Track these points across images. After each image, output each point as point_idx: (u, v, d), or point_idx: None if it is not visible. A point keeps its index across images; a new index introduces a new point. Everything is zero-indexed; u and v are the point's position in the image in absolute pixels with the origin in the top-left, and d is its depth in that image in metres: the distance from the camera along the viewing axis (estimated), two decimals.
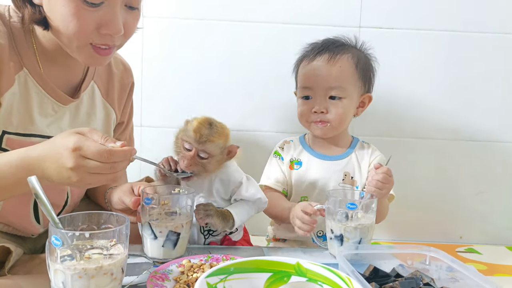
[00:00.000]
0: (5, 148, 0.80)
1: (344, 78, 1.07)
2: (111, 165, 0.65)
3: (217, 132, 0.85)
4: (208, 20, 1.44)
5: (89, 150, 0.64)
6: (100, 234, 0.60)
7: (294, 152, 1.15)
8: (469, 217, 1.53)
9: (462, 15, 1.44)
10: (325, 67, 1.07)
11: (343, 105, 1.08)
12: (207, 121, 0.86)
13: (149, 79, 1.45)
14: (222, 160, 0.88)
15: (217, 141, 0.85)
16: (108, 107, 0.98)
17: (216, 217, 0.84)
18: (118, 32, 0.76)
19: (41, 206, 0.60)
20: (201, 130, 0.84)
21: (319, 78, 1.07)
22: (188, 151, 0.85)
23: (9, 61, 0.78)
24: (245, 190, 0.89)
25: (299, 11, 1.44)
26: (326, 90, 1.07)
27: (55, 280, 0.58)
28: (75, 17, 0.73)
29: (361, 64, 1.10)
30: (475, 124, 1.49)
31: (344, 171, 1.11)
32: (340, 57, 1.08)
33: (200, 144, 0.84)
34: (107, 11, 0.74)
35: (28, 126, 0.81)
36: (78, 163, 0.64)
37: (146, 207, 0.80)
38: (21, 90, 0.80)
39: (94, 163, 0.64)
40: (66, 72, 0.88)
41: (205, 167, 0.86)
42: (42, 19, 0.77)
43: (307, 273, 0.65)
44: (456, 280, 0.72)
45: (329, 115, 1.07)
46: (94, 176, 0.66)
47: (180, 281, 0.70)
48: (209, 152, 0.85)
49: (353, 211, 0.86)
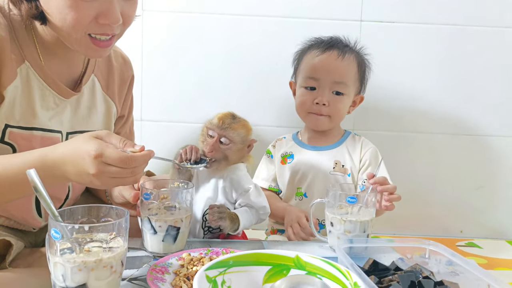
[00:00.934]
0: (8, 141, 0.80)
1: (349, 75, 1.12)
2: (132, 170, 0.67)
3: (239, 123, 0.92)
4: (208, 14, 1.43)
5: (111, 157, 0.65)
6: (99, 227, 0.60)
7: (286, 147, 1.19)
8: (469, 211, 1.54)
9: (463, 9, 1.43)
10: (335, 62, 1.11)
11: (343, 100, 1.12)
12: (231, 113, 0.93)
13: (149, 74, 1.45)
14: (242, 152, 0.93)
15: (238, 130, 0.91)
16: (109, 100, 0.98)
17: (228, 220, 0.87)
18: (116, 22, 0.76)
19: (40, 199, 0.60)
20: (225, 118, 0.91)
21: (328, 71, 1.11)
22: (212, 138, 0.90)
23: (11, 54, 0.78)
24: (254, 196, 0.93)
25: (300, 5, 1.43)
26: (332, 84, 1.11)
27: (55, 273, 0.58)
28: (72, 9, 0.72)
29: (363, 66, 1.16)
30: (475, 119, 1.48)
31: (334, 159, 1.13)
32: (348, 56, 1.13)
33: (222, 130, 0.89)
34: (104, 1, 0.74)
35: (30, 120, 0.81)
36: (100, 169, 0.65)
37: (145, 202, 0.80)
38: (23, 83, 0.80)
39: (116, 169, 0.66)
40: (66, 65, 0.88)
41: (226, 154, 0.90)
42: (39, 14, 0.76)
43: (307, 266, 0.65)
44: (456, 273, 0.72)
45: (329, 108, 1.11)
46: (116, 180, 0.68)
47: (180, 274, 0.70)
48: (230, 138, 0.90)
49: (353, 204, 0.87)
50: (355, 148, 1.16)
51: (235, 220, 0.89)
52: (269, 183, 1.20)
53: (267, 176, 1.20)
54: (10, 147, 0.80)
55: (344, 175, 1.12)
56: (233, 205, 0.94)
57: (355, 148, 1.16)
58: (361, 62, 1.16)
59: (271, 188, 1.19)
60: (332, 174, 1.12)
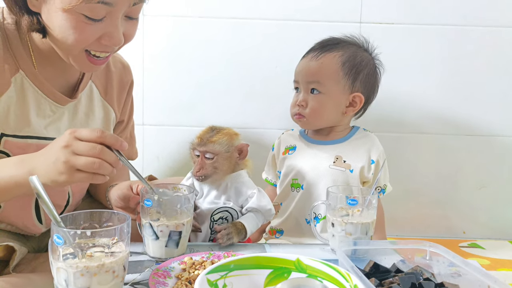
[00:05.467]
0: (3, 150, 0.80)
1: (322, 74, 1.10)
2: (99, 163, 0.65)
3: (219, 133, 0.92)
4: (209, 18, 1.44)
5: (82, 131, 0.65)
6: (101, 232, 0.61)
7: (291, 139, 1.20)
8: (471, 212, 1.53)
9: (463, 9, 1.43)
10: (309, 63, 1.13)
11: (320, 100, 1.11)
12: (210, 127, 0.94)
13: (150, 78, 1.46)
14: (233, 159, 0.93)
15: (218, 140, 0.90)
16: (107, 106, 0.99)
17: (236, 237, 0.89)
18: (119, 43, 0.77)
19: (43, 205, 0.60)
20: (203, 135, 0.92)
21: (302, 73, 1.13)
22: (198, 157, 0.92)
23: (4, 64, 0.78)
24: (259, 200, 0.95)
25: (300, 7, 1.44)
26: (307, 84, 1.12)
27: (57, 278, 0.59)
28: (76, 31, 0.73)
29: (351, 63, 1.11)
30: (477, 119, 1.48)
31: (335, 154, 1.11)
32: (325, 54, 1.12)
33: (203, 146, 0.90)
34: (108, 24, 0.74)
35: (24, 128, 0.82)
36: (69, 142, 0.65)
37: (146, 208, 0.80)
38: (18, 92, 0.81)
39: (84, 144, 0.65)
40: (62, 73, 0.88)
41: (215, 167, 0.91)
42: (41, 28, 0.77)
43: (307, 269, 0.65)
44: (459, 275, 0.71)
45: (307, 108, 1.11)
46: (83, 174, 0.66)
47: (181, 278, 0.71)
48: (213, 151, 0.90)
49: (354, 207, 0.87)
50: (360, 146, 1.13)
51: (241, 231, 0.91)
52: (266, 175, 1.23)
53: (266, 168, 1.24)
54: (5, 155, 0.81)
55: (345, 170, 1.09)
56: (240, 208, 0.96)
57: (360, 146, 1.13)
58: (351, 59, 1.11)
59: (267, 180, 1.23)
60: (332, 169, 1.10)
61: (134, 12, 0.79)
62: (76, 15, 0.71)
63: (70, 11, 0.70)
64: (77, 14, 0.71)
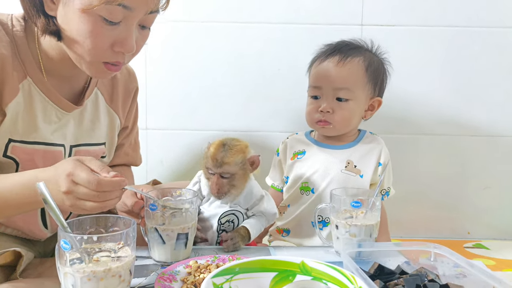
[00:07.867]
0: (10, 155, 0.81)
1: (352, 80, 1.09)
2: (99, 194, 0.67)
3: (231, 152, 0.90)
4: (212, 22, 1.45)
5: (79, 176, 0.66)
6: (107, 237, 0.62)
7: (298, 143, 1.18)
8: (476, 212, 1.53)
9: (465, 11, 1.43)
10: (334, 69, 1.09)
11: (349, 107, 1.10)
12: (221, 144, 0.91)
13: (154, 82, 1.47)
14: (247, 173, 0.93)
15: (233, 160, 0.89)
16: (112, 113, 0.99)
17: (241, 244, 0.90)
18: (131, 50, 0.78)
19: (50, 211, 0.61)
20: (217, 154, 0.89)
21: (328, 79, 1.10)
22: (213, 175, 0.91)
23: (13, 71, 0.79)
24: (266, 204, 0.96)
25: (301, 11, 1.44)
26: (334, 91, 1.09)
27: (65, 283, 0.60)
28: (92, 34, 0.73)
29: (372, 68, 1.12)
30: (480, 119, 1.48)
31: (347, 159, 1.11)
32: (351, 59, 1.10)
33: (219, 168, 0.89)
34: (123, 30, 0.75)
35: (32, 134, 0.83)
36: (70, 188, 0.66)
37: (151, 212, 0.81)
38: (25, 99, 0.82)
39: (84, 190, 0.66)
40: (69, 80, 0.89)
41: (233, 184, 0.91)
42: (56, 31, 0.77)
43: (312, 271, 0.65)
44: (464, 276, 0.72)
45: (334, 115, 1.09)
46: (83, 203, 0.67)
47: (187, 282, 0.71)
48: (229, 172, 0.90)
49: (357, 209, 0.87)
50: (368, 151, 1.13)
51: (245, 237, 0.92)
52: (272, 181, 1.21)
53: (271, 174, 1.22)
54: (12, 161, 0.82)
55: (356, 175, 1.10)
56: (246, 211, 0.96)
57: (368, 151, 1.13)
58: (373, 63, 1.12)
59: (273, 187, 1.21)
60: (344, 173, 1.10)
61: (148, 21, 0.80)
62: (94, 17, 0.72)
63: (88, 12, 0.71)
64: (95, 16, 0.72)
